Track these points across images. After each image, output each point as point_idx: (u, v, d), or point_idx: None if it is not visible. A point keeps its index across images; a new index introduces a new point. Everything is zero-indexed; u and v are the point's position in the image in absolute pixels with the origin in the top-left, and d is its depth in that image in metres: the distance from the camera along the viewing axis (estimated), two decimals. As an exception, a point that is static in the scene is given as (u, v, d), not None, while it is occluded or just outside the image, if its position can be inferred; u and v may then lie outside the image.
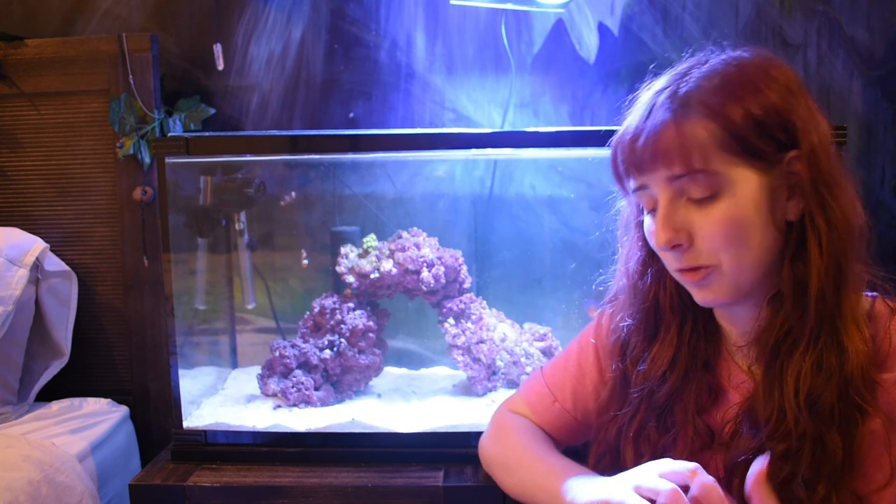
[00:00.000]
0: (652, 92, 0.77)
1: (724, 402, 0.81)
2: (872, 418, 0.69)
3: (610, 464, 0.89)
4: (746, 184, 0.70)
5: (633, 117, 0.77)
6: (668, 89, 0.75)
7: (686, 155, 0.70)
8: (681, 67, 0.78)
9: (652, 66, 0.84)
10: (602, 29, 1.72)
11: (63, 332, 1.67)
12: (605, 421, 0.90)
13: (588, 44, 1.73)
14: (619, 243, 0.90)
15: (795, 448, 0.70)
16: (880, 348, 0.71)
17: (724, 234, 0.71)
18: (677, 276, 0.77)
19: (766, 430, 0.72)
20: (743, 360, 0.80)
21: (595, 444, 0.91)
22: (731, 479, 0.74)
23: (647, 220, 0.79)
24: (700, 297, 0.76)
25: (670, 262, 0.76)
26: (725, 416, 0.79)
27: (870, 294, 0.77)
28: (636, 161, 0.74)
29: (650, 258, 0.84)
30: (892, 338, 0.71)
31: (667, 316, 0.84)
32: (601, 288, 0.96)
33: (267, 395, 1.52)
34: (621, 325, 0.88)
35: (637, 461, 0.82)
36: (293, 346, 1.53)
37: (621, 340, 0.88)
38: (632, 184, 0.77)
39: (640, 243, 0.85)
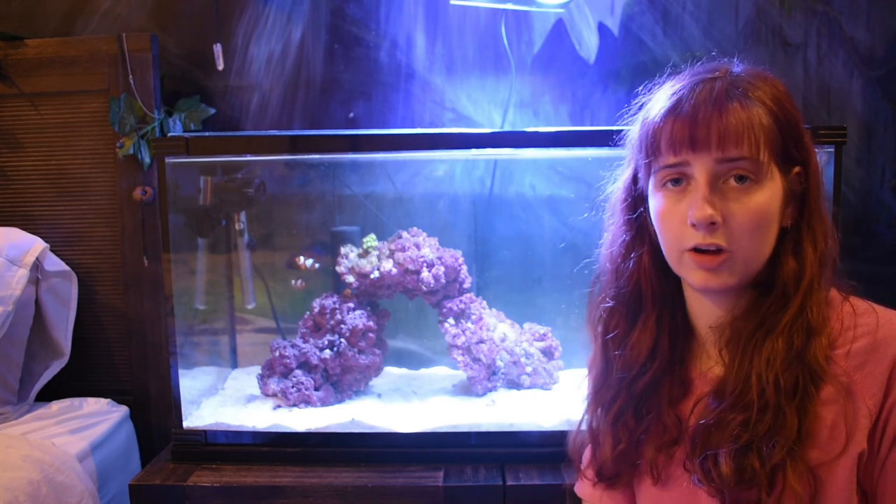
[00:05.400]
0: (692, 79, 0.78)
1: (693, 393, 0.85)
2: (826, 387, 0.75)
3: (583, 444, 0.93)
4: (776, 182, 0.76)
5: (681, 96, 0.77)
6: (721, 79, 0.77)
7: (754, 140, 0.74)
8: (708, 66, 0.81)
9: (654, 67, 0.85)
10: (602, 29, 1.72)
11: (63, 332, 1.67)
12: (588, 401, 0.93)
13: (588, 44, 1.73)
14: (605, 226, 0.93)
15: (755, 419, 0.74)
16: (833, 328, 0.77)
17: (754, 223, 0.75)
18: (688, 258, 0.78)
19: (730, 399, 0.77)
20: (712, 346, 0.83)
21: (577, 425, 0.94)
22: (694, 451, 0.78)
23: (659, 198, 0.80)
24: (705, 280, 0.78)
25: (692, 238, 0.77)
26: (694, 405, 0.82)
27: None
28: (695, 137, 0.75)
29: (634, 242, 0.87)
30: (843, 319, 0.77)
31: (647, 303, 0.87)
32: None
33: (267, 395, 1.52)
34: (602, 306, 0.91)
35: (615, 447, 0.86)
36: (293, 346, 1.53)
37: (603, 321, 0.91)
38: (669, 159, 0.77)
39: (625, 227, 0.88)
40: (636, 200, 0.86)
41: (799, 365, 0.75)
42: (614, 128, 0.91)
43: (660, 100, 0.80)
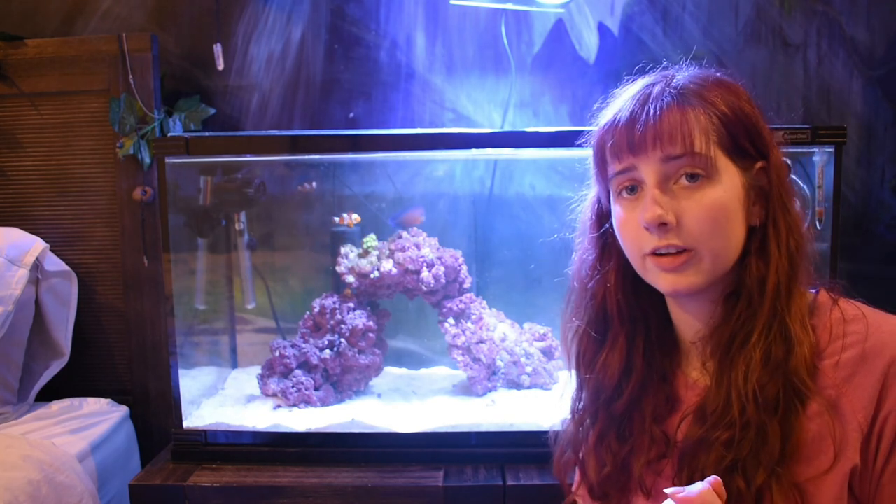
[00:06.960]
0: (637, 87, 0.79)
1: (680, 408, 0.83)
2: (811, 403, 0.72)
3: (570, 467, 0.91)
4: (731, 178, 0.75)
5: (622, 106, 0.78)
6: (661, 83, 0.78)
7: (689, 135, 0.73)
8: (657, 75, 0.81)
9: (647, 66, 0.85)
10: (602, 29, 1.72)
11: (63, 332, 1.67)
12: (568, 425, 0.92)
13: (588, 44, 1.73)
14: (575, 246, 0.93)
15: (739, 437, 0.73)
16: (821, 338, 0.75)
17: (710, 219, 0.74)
18: (650, 263, 0.77)
19: (712, 419, 0.75)
20: (697, 358, 0.82)
21: (559, 446, 0.93)
22: (681, 472, 0.77)
23: (617, 208, 0.80)
24: (672, 283, 0.77)
25: (649, 242, 0.76)
26: (681, 419, 0.81)
27: (812, 290, 0.80)
28: (633, 141, 0.75)
29: (601, 260, 0.87)
30: (832, 328, 0.75)
31: (614, 321, 0.86)
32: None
33: (267, 395, 1.52)
34: (569, 327, 0.91)
35: (600, 471, 0.85)
36: (293, 346, 1.53)
37: (575, 341, 0.90)
38: (616, 167, 0.78)
39: (592, 245, 0.88)
40: (601, 217, 0.87)
41: (781, 377, 0.73)
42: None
43: (606, 114, 0.81)
